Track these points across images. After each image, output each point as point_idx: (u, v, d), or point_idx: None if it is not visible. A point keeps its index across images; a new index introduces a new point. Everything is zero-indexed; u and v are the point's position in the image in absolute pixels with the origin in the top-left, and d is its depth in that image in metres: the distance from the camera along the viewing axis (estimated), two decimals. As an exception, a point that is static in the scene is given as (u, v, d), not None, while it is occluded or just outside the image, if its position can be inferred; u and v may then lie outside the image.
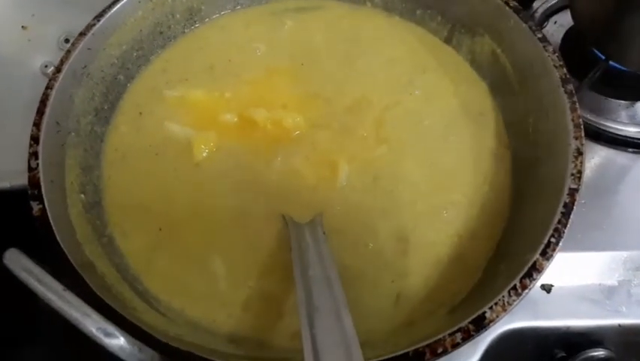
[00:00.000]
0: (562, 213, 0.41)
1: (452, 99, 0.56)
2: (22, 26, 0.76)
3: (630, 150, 0.66)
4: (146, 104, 0.57)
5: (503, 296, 0.37)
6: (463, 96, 0.56)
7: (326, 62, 0.59)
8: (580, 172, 0.43)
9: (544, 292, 0.56)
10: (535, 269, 0.38)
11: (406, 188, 0.51)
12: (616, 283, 0.56)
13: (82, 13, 0.56)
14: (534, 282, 0.38)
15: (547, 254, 0.39)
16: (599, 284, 0.56)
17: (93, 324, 0.33)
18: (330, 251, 0.43)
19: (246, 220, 0.49)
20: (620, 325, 0.55)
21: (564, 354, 0.56)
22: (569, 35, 0.76)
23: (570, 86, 0.47)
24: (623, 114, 0.70)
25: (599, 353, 0.55)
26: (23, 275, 0.34)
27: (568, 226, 0.40)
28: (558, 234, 0.40)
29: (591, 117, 0.67)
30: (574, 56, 0.73)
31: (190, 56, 0.60)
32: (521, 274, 0.38)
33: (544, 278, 0.55)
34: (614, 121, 0.68)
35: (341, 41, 0.61)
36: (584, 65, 0.69)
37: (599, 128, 0.66)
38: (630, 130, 0.67)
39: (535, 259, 0.39)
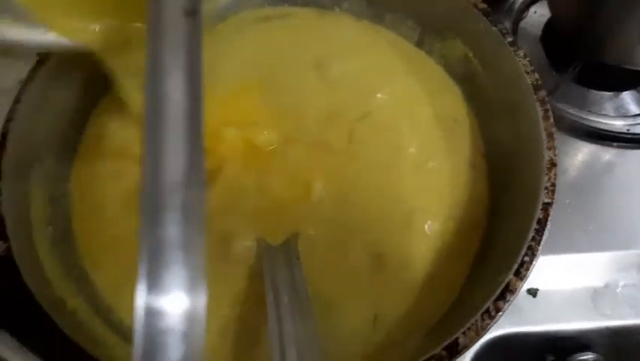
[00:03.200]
0: (535, 229, 0.39)
1: (426, 107, 0.54)
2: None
3: (615, 144, 0.64)
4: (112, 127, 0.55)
5: (476, 320, 0.37)
6: (437, 103, 0.55)
7: (295, 73, 0.58)
8: (553, 185, 0.41)
9: (530, 296, 0.55)
10: (508, 291, 0.37)
11: (382, 203, 0.49)
12: (602, 285, 0.56)
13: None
14: (508, 304, 0.37)
15: (520, 274, 0.38)
16: (586, 287, 0.56)
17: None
18: (303, 276, 0.43)
19: (217, 247, 0.48)
20: (607, 327, 0.54)
21: (553, 358, 0.55)
22: (549, 26, 0.74)
23: (542, 93, 0.46)
24: (608, 106, 0.68)
25: (588, 356, 0.54)
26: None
27: (542, 242, 0.39)
28: (532, 252, 0.39)
29: (574, 112, 0.66)
30: (556, 47, 0.72)
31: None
32: (494, 297, 0.37)
33: (529, 283, 0.55)
34: (598, 114, 0.66)
35: (310, 50, 0.59)
36: (566, 56, 0.68)
37: (583, 123, 0.65)
38: (616, 123, 0.66)
39: (508, 280, 0.38)
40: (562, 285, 0.56)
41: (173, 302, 0.24)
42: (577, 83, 0.68)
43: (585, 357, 0.54)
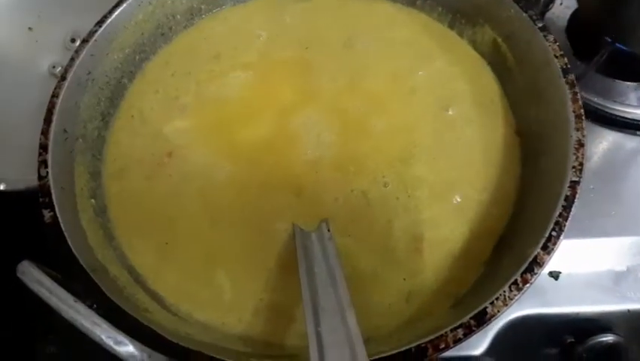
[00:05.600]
0: (563, 206, 0.41)
1: (465, 86, 0.55)
2: (29, 28, 0.77)
3: (639, 133, 0.65)
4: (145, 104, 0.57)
5: (504, 291, 0.38)
6: (475, 83, 0.56)
7: (331, 50, 0.59)
8: (581, 164, 0.42)
9: (552, 279, 0.56)
10: (536, 263, 0.39)
11: (423, 184, 0.50)
12: (624, 269, 0.56)
13: (87, 13, 0.57)
14: (535, 276, 0.38)
15: (548, 248, 0.39)
16: (607, 270, 0.57)
17: (103, 333, 0.34)
18: (336, 249, 0.44)
19: (251, 230, 0.49)
20: (629, 310, 0.55)
21: (573, 340, 0.56)
22: (575, 17, 0.75)
23: (571, 77, 0.47)
24: (632, 96, 0.69)
25: (608, 338, 0.55)
26: (36, 287, 0.35)
27: (569, 219, 0.40)
28: (559, 227, 0.40)
29: (599, 100, 0.67)
30: (581, 38, 0.72)
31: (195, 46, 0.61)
32: (522, 269, 0.38)
33: (551, 265, 0.56)
34: (622, 104, 0.67)
35: (345, 28, 0.61)
36: (591, 47, 0.69)
37: (607, 112, 0.66)
38: (639, 113, 0.66)
39: (536, 253, 0.39)
40: (584, 268, 0.57)
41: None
42: (602, 73, 0.69)
43: (605, 338, 0.55)
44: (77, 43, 0.75)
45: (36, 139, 0.48)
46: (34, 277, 0.36)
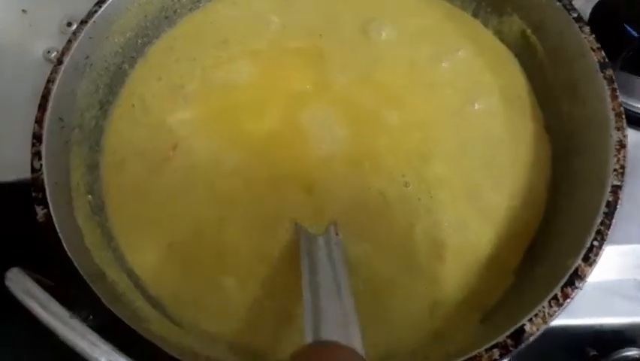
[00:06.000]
0: (605, 213, 0.37)
1: (489, 80, 0.52)
2: (23, 10, 0.73)
3: (664, 133, 0.62)
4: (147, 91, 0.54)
5: (544, 307, 0.35)
6: (501, 76, 0.52)
7: (344, 37, 0.56)
8: (623, 167, 0.39)
9: (576, 288, 0.53)
10: (577, 276, 0.36)
11: (445, 185, 0.47)
12: (650, 278, 0.54)
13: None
14: (577, 290, 0.35)
15: (589, 259, 0.36)
16: (633, 280, 0.54)
17: (103, 355, 0.30)
18: (343, 255, 0.41)
19: (260, 231, 0.46)
20: (656, 323, 0.52)
21: (596, 353, 0.53)
22: (598, 10, 0.72)
23: (609, 71, 0.43)
24: (658, 95, 0.66)
25: (634, 352, 0.52)
26: (26, 300, 0.31)
27: (611, 227, 0.37)
28: (601, 236, 0.37)
29: (623, 99, 0.63)
30: (604, 32, 0.69)
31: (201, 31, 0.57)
32: (562, 282, 0.35)
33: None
34: (648, 102, 0.64)
35: (362, 13, 0.57)
36: (614, 42, 0.65)
37: (632, 111, 0.63)
38: (665, 112, 0.63)
39: (577, 265, 0.36)
40: (607, 277, 0.53)
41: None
42: (626, 70, 0.66)
43: (631, 353, 0.52)
44: (74, 27, 0.71)
45: (29, 128, 0.44)
46: (24, 287, 0.32)
